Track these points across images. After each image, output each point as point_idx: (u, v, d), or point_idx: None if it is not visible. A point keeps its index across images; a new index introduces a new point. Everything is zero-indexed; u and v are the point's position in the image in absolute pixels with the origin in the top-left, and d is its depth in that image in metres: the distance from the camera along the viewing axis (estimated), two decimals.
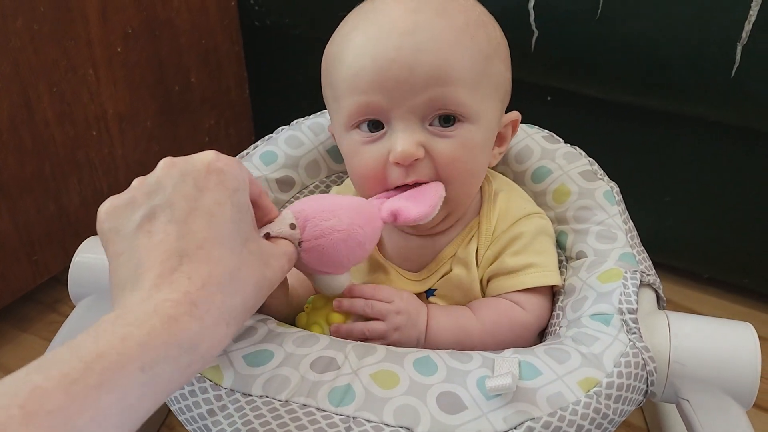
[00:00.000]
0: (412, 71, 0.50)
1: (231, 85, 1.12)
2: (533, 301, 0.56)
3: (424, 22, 0.50)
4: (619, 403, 0.45)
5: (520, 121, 0.61)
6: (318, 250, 0.48)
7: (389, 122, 0.52)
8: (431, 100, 0.50)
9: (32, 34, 0.80)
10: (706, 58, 0.75)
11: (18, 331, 0.94)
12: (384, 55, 0.50)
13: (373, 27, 0.52)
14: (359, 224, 0.49)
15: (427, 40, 0.50)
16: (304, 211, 0.49)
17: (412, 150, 0.50)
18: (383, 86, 0.50)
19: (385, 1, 0.53)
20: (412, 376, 0.45)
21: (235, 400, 0.44)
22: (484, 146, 0.55)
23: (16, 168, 0.83)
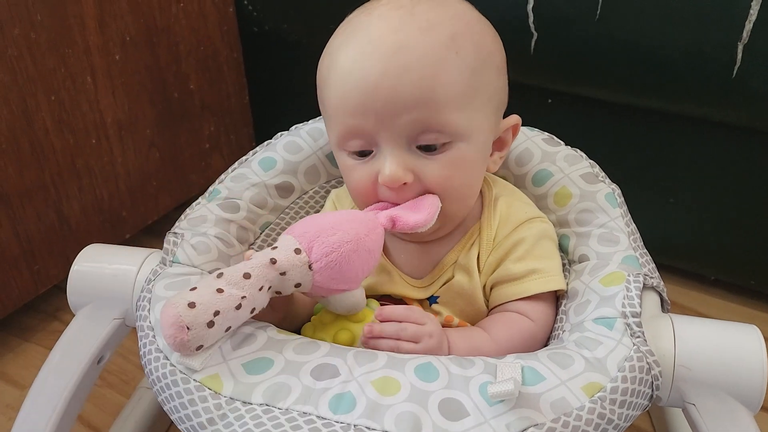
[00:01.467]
0: (397, 93, 0.49)
1: (230, 92, 1.12)
2: (539, 309, 0.55)
3: (407, 41, 0.49)
4: (624, 408, 0.44)
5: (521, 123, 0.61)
6: (331, 266, 0.47)
7: (377, 144, 0.52)
8: (417, 121, 0.50)
9: (30, 42, 0.80)
10: (707, 58, 0.75)
11: (20, 340, 0.94)
12: (368, 79, 0.50)
13: (357, 48, 0.51)
14: (364, 233, 0.49)
15: (411, 61, 0.49)
16: (307, 233, 0.48)
17: (399, 175, 0.51)
18: (369, 109, 0.50)
19: (370, 17, 0.52)
20: (413, 382, 0.44)
21: (235, 409, 0.43)
22: (477, 160, 0.54)
23: (16, 177, 0.83)
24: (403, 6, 0.51)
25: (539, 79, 0.88)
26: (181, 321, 0.42)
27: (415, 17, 0.50)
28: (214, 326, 0.43)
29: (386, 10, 0.52)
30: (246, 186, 0.65)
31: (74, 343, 0.58)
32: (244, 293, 0.45)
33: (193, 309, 0.43)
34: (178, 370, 0.46)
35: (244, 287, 0.45)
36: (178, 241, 0.58)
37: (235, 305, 0.44)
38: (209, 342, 0.44)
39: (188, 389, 0.45)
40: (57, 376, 0.56)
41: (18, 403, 0.84)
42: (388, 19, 0.51)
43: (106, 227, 0.98)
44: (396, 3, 0.52)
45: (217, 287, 0.45)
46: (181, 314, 0.42)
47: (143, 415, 0.77)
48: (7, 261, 0.86)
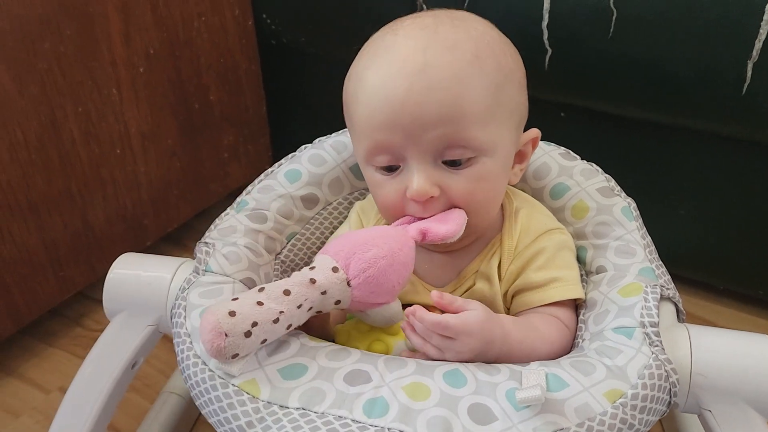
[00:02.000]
0: (423, 110, 0.51)
1: (249, 103, 1.14)
2: (570, 317, 0.57)
3: (433, 59, 0.51)
4: (644, 413, 0.46)
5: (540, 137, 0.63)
6: (369, 281, 0.50)
7: (405, 159, 0.54)
8: (443, 137, 0.52)
9: (59, 56, 0.82)
10: (718, 76, 0.77)
11: (44, 345, 0.96)
12: (395, 96, 0.52)
13: (385, 66, 0.53)
14: (397, 247, 0.51)
15: (437, 78, 0.51)
16: (342, 251, 0.50)
17: (426, 189, 0.53)
18: (396, 126, 0.52)
19: (396, 36, 0.54)
20: (442, 388, 0.46)
21: (273, 413, 0.45)
22: (500, 174, 0.56)
23: (44, 186, 0.86)
24: (427, 26, 0.54)
25: (553, 94, 0.90)
26: (220, 327, 0.44)
27: (439, 36, 0.53)
28: (251, 336, 0.45)
29: (411, 29, 0.54)
30: (273, 197, 0.67)
31: (110, 349, 0.60)
32: (282, 308, 0.47)
33: (232, 317, 0.45)
34: (216, 375, 0.48)
35: (283, 303, 0.47)
36: (210, 250, 0.60)
37: (273, 319, 0.46)
38: (245, 352, 0.46)
39: (227, 393, 0.47)
40: (93, 380, 0.58)
41: (43, 406, 0.87)
42: (413, 38, 0.53)
43: (128, 235, 1.00)
44: (420, 23, 0.54)
45: (258, 300, 0.47)
46: (221, 321, 0.44)
47: (167, 419, 0.79)
48: (34, 267, 0.88)
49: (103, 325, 0.97)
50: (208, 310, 0.46)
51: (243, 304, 0.46)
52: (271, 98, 1.18)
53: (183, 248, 1.14)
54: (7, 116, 0.78)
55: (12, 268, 0.85)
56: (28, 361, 0.93)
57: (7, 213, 0.82)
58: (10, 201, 0.82)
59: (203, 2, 0.99)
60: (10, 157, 0.80)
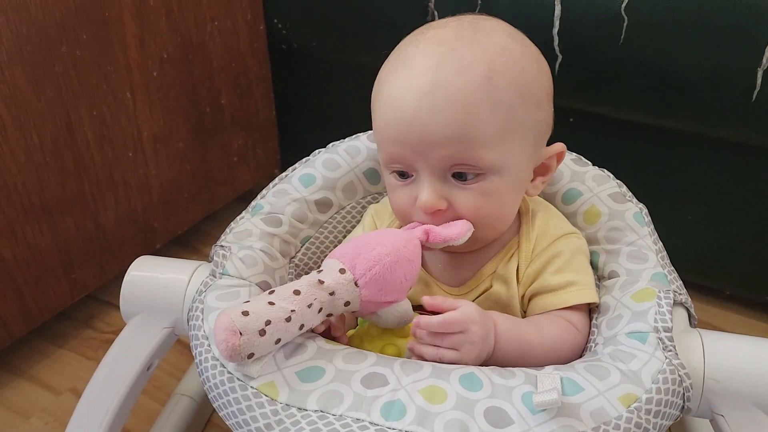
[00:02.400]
0: (430, 131, 0.52)
1: (259, 107, 1.15)
2: (583, 321, 0.58)
3: (443, 80, 0.52)
4: (658, 417, 0.46)
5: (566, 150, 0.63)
6: (375, 279, 0.50)
7: (416, 170, 0.55)
8: (449, 157, 0.53)
9: (75, 60, 0.83)
10: (727, 83, 0.78)
11: (55, 347, 0.97)
12: (404, 115, 0.53)
13: (398, 82, 0.54)
14: (402, 245, 0.52)
15: (445, 101, 0.51)
16: (348, 254, 0.52)
17: (434, 202, 0.54)
18: (406, 142, 0.54)
19: (416, 50, 0.55)
20: (458, 391, 0.47)
21: (291, 415, 0.46)
22: (510, 191, 0.57)
23: (58, 188, 0.86)
24: (445, 41, 0.54)
25: (563, 100, 0.89)
26: (234, 326, 0.45)
27: (454, 54, 0.53)
28: (265, 335, 0.46)
29: (430, 44, 0.54)
30: (287, 201, 0.68)
31: (126, 350, 0.60)
32: (293, 307, 0.48)
33: (246, 316, 0.46)
34: (235, 377, 0.49)
35: (294, 302, 0.48)
36: (227, 253, 0.60)
37: (285, 317, 0.47)
38: (260, 351, 0.47)
39: (246, 396, 0.48)
40: (110, 381, 0.58)
41: (53, 408, 0.87)
42: (429, 55, 0.53)
43: (139, 237, 1.01)
44: (441, 36, 0.54)
45: (269, 300, 0.48)
46: (234, 320, 0.45)
47: (178, 422, 0.79)
48: (46, 269, 0.89)
49: (113, 328, 0.99)
50: (222, 312, 0.46)
51: (255, 305, 0.47)
52: (281, 102, 1.19)
53: (192, 251, 1.14)
54: (23, 119, 0.79)
55: (24, 270, 0.86)
56: (38, 363, 0.94)
57: (22, 215, 0.83)
58: (24, 203, 0.83)
59: (216, 7, 1.00)
60: (26, 160, 0.81)
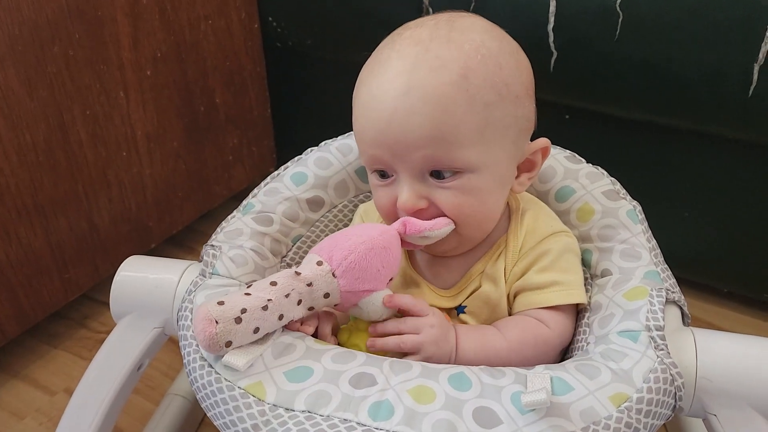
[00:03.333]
0: (406, 133, 0.52)
1: (253, 105, 1.15)
2: (557, 319, 0.57)
3: (418, 81, 0.51)
4: (649, 417, 0.46)
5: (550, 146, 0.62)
6: (351, 267, 0.51)
7: (396, 172, 0.55)
8: (427, 157, 0.53)
9: (68, 59, 0.83)
10: (724, 79, 0.77)
11: (49, 347, 0.97)
12: (381, 118, 0.53)
13: (374, 85, 0.54)
14: (376, 234, 0.53)
15: (419, 102, 0.51)
16: (325, 247, 0.52)
17: (413, 202, 0.54)
18: (383, 144, 0.53)
19: (391, 51, 0.54)
20: (447, 391, 0.46)
21: (279, 415, 0.46)
22: (491, 189, 0.56)
23: (51, 188, 0.86)
24: (421, 41, 0.53)
25: (558, 97, 0.90)
26: (210, 315, 0.46)
27: (428, 54, 0.52)
28: (241, 323, 0.47)
29: (405, 45, 0.54)
30: (279, 200, 0.68)
31: (116, 351, 0.60)
32: (270, 296, 0.48)
33: (221, 306, 0.47)
34: (223, 377, 0.48)
35: (270, 292, 0.49)
36: (217, 253, 0.60)
37: (262, 306, 0.48)
38: (238, 339, 0.47)
39: (233, 396, 0.47)
40: (100, 382, 0.58)
41: (47, 408, 0.87)
42: (404, 56, 0.53)
43: (133, 237, 1.01)
44: (416, 37, 0.54)
45: (245, 292, 0.49)
46: (210, 310, 0.46)
47: (172, 421, 0.79)
48: (40, 269, 0.88)
49: (107, 327, 0.99)
50: (199, 306, 0.47)
51: (231, 297, 0.48)
52: (276, 101, 1.19)
53: (187, 250, 1.14)
54: (16, 119, 0.79)
55: (18, 270, 0.85)
56: (33, 363, 0.94)
57: (15, 215, 0.83)
58: (17, 203, 0.82)
59: (210, 5, 0.99)
60: (18, 160, 0.81)
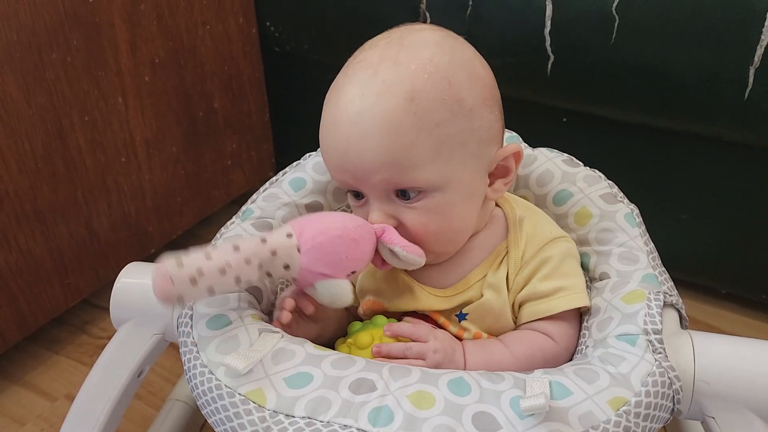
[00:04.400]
0: (362, 160, 0.52)
1: (252, 110, 1.15)
2: (563, 331, 0.57)
3: (367, 108, 0.51)
4: (648, 421, 0.46)
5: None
6: (317, 248, 0.51)
7: (365, 193, 0.56)
8: (387, 180, 0.53)
9: (66, 66, 0.83)
10: (720, 81, 0.78)
11: (50, 353, 0.97)
12: (337, 145, 0.53)
13: (330, 113, 0.54)
14: (351, 225, 0.53)
15: (370, 129, 0.51)
16: (300, 222, 0.53)
17: (382, 220, 0.55)
18: (345, 170, 0.54)
19: (345, 78, 0.54)
20: (447, 396, 0.46)
21: (279, 422, 0.46)
22: (458, 204, 0.56)
23: (51, 194, 0.86)
24: (371, 65, 0.53)
25: (555, 100, 0.91)
26: (167, 274, 0.47)
27: (376, 78, 0.52)
28: (196, 284, 0.48)
29: (357, 70, 0.54)
30: (278, 206, 0.68)
31: (117, 357, 0.60)
32: (230, 261, 0.49)
33: (180, 267, 0.48)
34: (223, 384, 0.48)
35: (231, 255, 0.50)
36: None
37: (219, 269, 0.49)
38: (190, 297, 0.49)
39: (233, 402, 0.47)
40: (100, 389, 0.59)
41: (48, 414, 0.87)
42: (355, 82, 0.53)
43: (133, 242, 1.01)
44: (367, 60, 0.54)
45: (205, 252, 0.50)
46: (168, 269, 0.48)
47: (173, 427, 0.79)
48: (40, 275, 0.89)
49: (108, 333, 0.99)
50: (159, 262, 0.48)
51: (192, 256, 0.49)
52: (274, 105, 1.19)
53: None
54: (15, 126, 0.79)
55: (18, 276, 0.86)
56: (33, 369, 0.94)
57: (14, 221, 0.83)
58: (17, 209, 0.83)
59: (208, 11, 0.99)
60: (17, 167, 0.81)
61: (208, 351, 0.51)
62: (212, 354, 0.51)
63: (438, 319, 0.60)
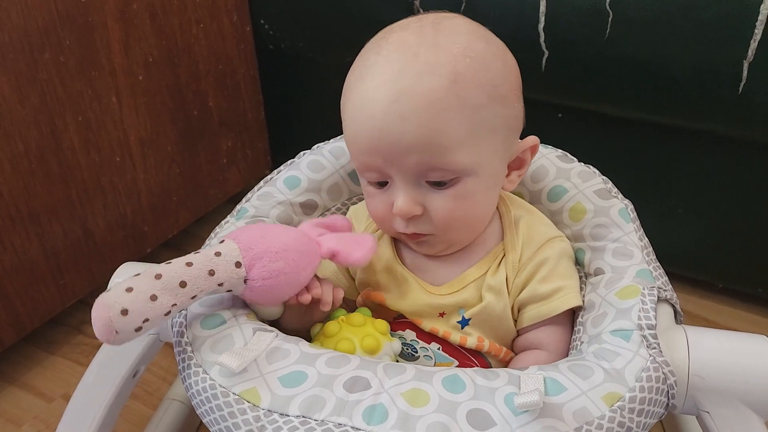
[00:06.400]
0: (399, 140, 0.52)
1: (247, 108, 1.15)
2: (556, 337, 0.58)
3: (408, 87, 0.51)
4: (642, 416, 0.46)
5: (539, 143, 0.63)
6: (264, 289, 0.52)
7: (391, 178, 0.55)
8: (422, 163, 0.52)
9: (59, 66, 0.83)
10: (714, 76, 0.77)
11: (46, 353, 0.97)
12: (373, 125, 0.52)
13: (364, 91, 0.53)
14: (303, 267, 0.53)
15: (411, 109, 0.51)
16: (253, 250, 0.51)
17: (409, 208, 0.54)
18: (377, 151, 0.53)
19: (378, 56, 0.53)
20: (441, 393, 0.46)
21: (273, 421, 0.46)
22: (485, 191, 0.56)
23: (45, 195, 0.86)
24: (408, 46, 0.52)
25: (549, 96, 0.91)
26: (112, 325, 0.44)
27: (417, 60, 0.51)
28: (141, 330, 0.46)
29: (392, 50, 0.53)
30: (272, 204, 0.68)
31: (112, 358, 0.60)
32: (176, 301, 0.48)
33: (125, 317, 0.45)
34: (217, 384, 0.48)
35: (177, 295, 0.48)
36: None
37: (165, 312, 0.47)
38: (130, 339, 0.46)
39: (228, 402, 0.47)
40: (96, 389, 0.59)
41: (45, 415, 0.87)
42: (392, 62, 0.52)
43: (129, 242, 1.01)
44: (402, 41, 0.53)
45: (152, 294, 0.46)
46: (113, 320, 0.44)
47: (170, 426, 0.79)
48: (35, 276, 0.88)
49: None
50: (102, 301, 0.45)
51: (136, 300, 0.45)
52: (270, 103, 1.19)
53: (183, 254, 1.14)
54: (8, 127, 0.79)
55: (13, 277, 0.85)
56: (30, 370, 0.94)
57: (8, 223, 0.83)
58: (11, 211, 0.82)
59: (201, 9, 0.99)
60: (11, 168, 0.80)
61: (202, 351, 0.51)
62: (206, 354, 0.50)
63: (437, 332, 0.60)
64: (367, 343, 0.54)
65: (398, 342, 0.58)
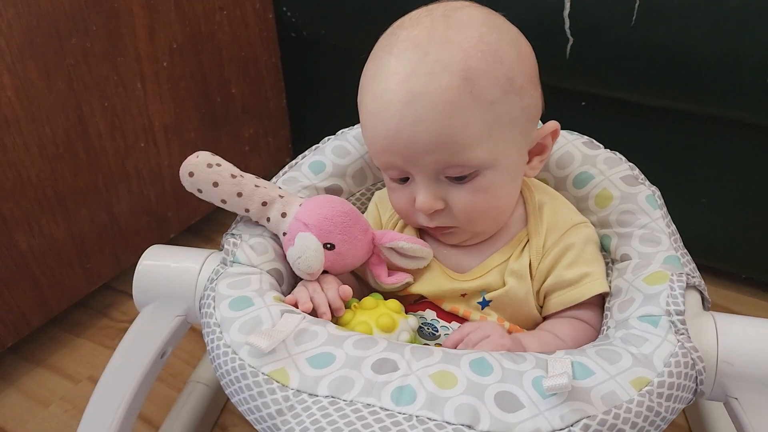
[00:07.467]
0: (415, 141, 0.52)
1: (269, 95, 1.15)
2: (595, 316, 0.58)
3: (421, 88, 0.50)
4: (671, 401, 0.46)
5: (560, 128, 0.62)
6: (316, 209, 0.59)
7: (411, 175, 0.56)
8: (440, 160, 0.53)
9: (85, 51, 0.84)
10: (742, 63, 0.76)
11: (72, 336, 0.98)
12: (389, 127, 0.53)
13: (378, 93, 0.53)
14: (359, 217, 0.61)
15: (425, 109, 0.50)
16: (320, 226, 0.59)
17: (431, 203, 0.55)
18: (395, 151, 0.54)
19: (390, 56, 0.53)
20: (469, 376, 0.46)
21: (302, 401, 0.46)
22: (506, 182, 0.56)
23: (72, 180, 0.87)
24: (419, 44, 0.52)
25: (574, 83, 0.90)
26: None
27: (428, 58, 0.51)
28: (217, 186, 0.62)
29: (403, 49, 0.52)
30: (297, 189, 0.68)
31: (140, 339, 0.61)
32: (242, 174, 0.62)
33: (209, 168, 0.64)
34: (246, 364, 0.49)
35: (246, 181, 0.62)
36: (238, 242, 0.61)
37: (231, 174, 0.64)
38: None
39: (257, 382, 0.48)
40: (124, 369, 0.59)
41: (71, 396, 0.89)
42: (404, 62, 0.52)
43: (152, 227, 1.02)
44: (413, 39, 0.53)
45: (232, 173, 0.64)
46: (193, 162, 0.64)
47: (194, 408, 0.80)
48: (62, 260, 0.90)
49: (128, 317, 1.00)
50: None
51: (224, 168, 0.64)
52: (291, 91, 1.19)
53: (205, 240, 1.15)
54: (36, 112, 0.80)
55: (40, 260, 0.87)
56: (56, 352, 0.96)
57: (36, 207, 0.84)
58: (39, 195, 0.83)
59: None
60: (39, 153, 0.82)
61: (231, 331, 0.52)
62: (235, 334, 0.51)
63: (458, 312, 0.60)
64: (382, 322, 0.55)
65: (414, 318, 0.59)
